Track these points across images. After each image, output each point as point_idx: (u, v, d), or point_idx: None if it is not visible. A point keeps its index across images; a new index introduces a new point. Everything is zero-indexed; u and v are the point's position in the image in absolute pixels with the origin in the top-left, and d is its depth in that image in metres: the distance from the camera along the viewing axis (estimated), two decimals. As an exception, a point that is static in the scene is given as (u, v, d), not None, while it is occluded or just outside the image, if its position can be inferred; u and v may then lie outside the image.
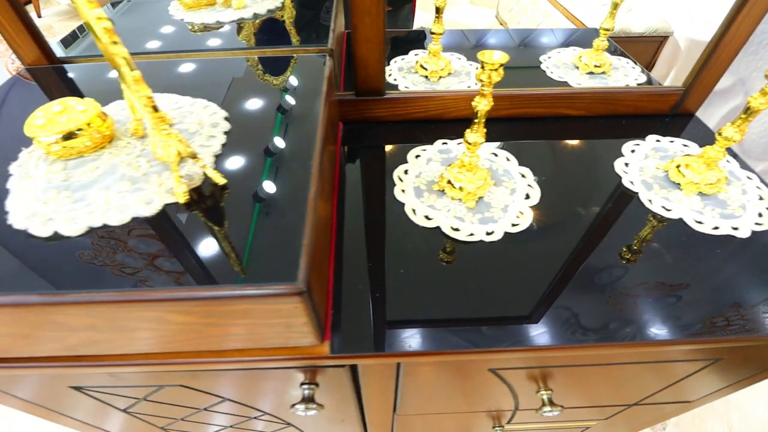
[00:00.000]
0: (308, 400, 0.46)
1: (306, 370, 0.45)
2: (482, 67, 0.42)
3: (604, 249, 0.47)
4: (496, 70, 0.41)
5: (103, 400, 0.52)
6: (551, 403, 0.54)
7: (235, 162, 0.40)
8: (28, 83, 0.53)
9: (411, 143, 0.61)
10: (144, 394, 0.50)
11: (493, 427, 0.72)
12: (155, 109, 0.30)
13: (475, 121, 0.47)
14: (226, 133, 0.43)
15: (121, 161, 0.40)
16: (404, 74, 0.77)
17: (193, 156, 0.35)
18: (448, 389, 0.55)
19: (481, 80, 0.42)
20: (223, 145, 0.42)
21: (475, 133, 0.48)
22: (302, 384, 0.47)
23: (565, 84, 0.72)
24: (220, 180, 0.37)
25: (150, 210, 0.35)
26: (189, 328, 0.33)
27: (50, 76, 0.55)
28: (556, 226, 0.50)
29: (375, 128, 0.65)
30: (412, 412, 0.62)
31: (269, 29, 0.71)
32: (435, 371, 0.48)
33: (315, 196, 0.37)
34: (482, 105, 0.45)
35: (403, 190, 0.54)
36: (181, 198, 0.35)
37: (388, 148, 0.62)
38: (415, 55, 0.82)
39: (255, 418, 0.60)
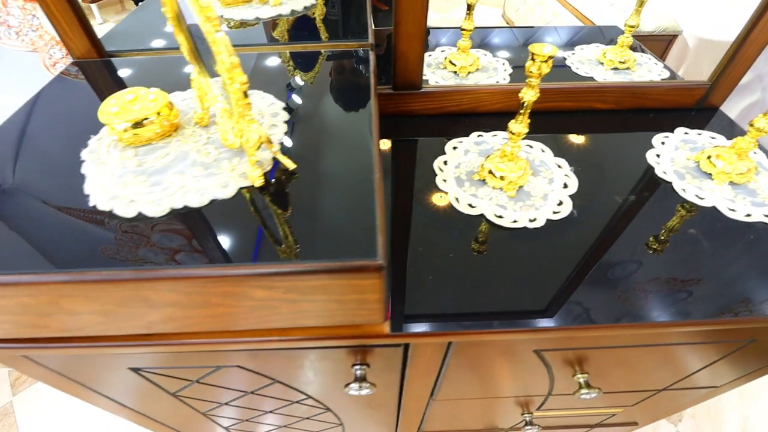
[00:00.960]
0: (361, 379, 0.48)
1: (359, 350, 0.47)
2: (532, 59, 0.44)
3: (645, 234, 0.49)
4: (545, 62, 0.43)
5: (157, 382, 0.53)
6: (588, 385, 0.55)
7: (299, 149, 0.42)
8: (72, 80, 0.55)
9: (446, 136, 0.63)
10: (199, 376, 0.51)
11: (522, 414, 0.74)
12: (246, 95, 0.32)
13: (521, 111, 0.49)
14: (285, 122, 0.45)
15: (190, 148, 0.41)
16: (433, 70, 0.79)
17: (269, 141, 0.37)
18: (489, 372, 0.56)
19: (530, 72, 0.44)
20: (285, 133, 0.43)
21: (520, 124, 0.50)
22: (354, 365, 0.49)
23: (591, 79, 0.74)
24: (291, 165, 0.39)
25: (227, 193, 0.37)
26: (267, 304, 0.35)
27: (100, 70, 0.57)
28: (596, 213, 0.52)
29: (410, 121, 0.67)
30: (448, 397, 0.64)
31: (303, 25, 0.73)
32: (483, 352, 0.50)
33: (380, 180, 0.38)
34: (529, 95, 0.47)
35: (444, 180, 0.56)
36: (257, 181, 0.37)
37: (425, 140, 0.64)
38: (442, 51, 0.84)
39: (297, 402, 0.62)
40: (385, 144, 0.62)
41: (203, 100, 0.42)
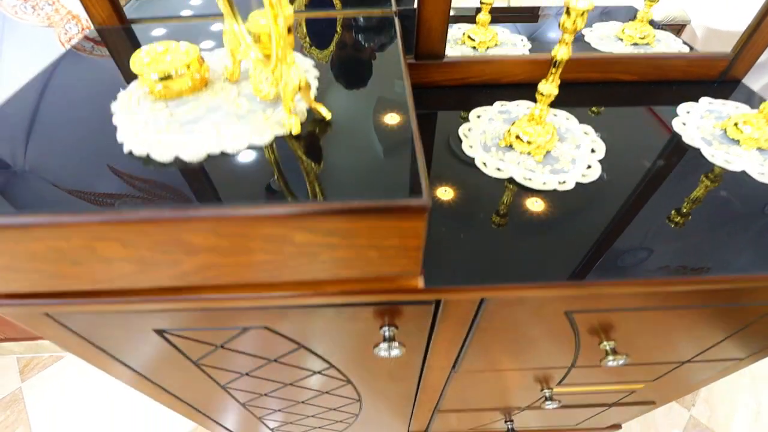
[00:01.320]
0: (390, 339, 0.47)
1: (388, 309, 0.47)
2: (567, 13, 0.43)
3: (677, 198, 0.49)
4: (581, 15, 0.43)
5: (180, 347, 0.53)
6: (614, 352, 0.55)
7: (332, 102, 0.41)
8: (94, 46, 0.54)
9: (468, 107, 0.63)
10: (224, 339, 0.51)
11: (541, 390, 0.73)
12: (290, 30, 0.31)
13: (552, 70, 0.48)
14: (316, 77, 0.44)
15: (222, 101, 0.41)
16: (451, 45, 0.78)
17: (308, 86, 0.36)
18: (516, 338, 0.56)
19: (565, 27, 0.44)
20: (317, 89, 0.43)
21: (551, 84, 0.49)
22: (382, 326, 0.48)
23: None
24: (327, 114, 0.38)
25: (264, 139, 0.36)
26: (306, 251, 0.34)
27: (121, 36, 0.56)
28: (626, 177, 0.51)
29: (431, 92, 0.66)
30: (470, 368, 0.64)
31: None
32: (512, 314, 0.50)
33: (416, 125, 0.38)
34: (562, 52, 0.46)
35: (470, 146, 0.56)
36: (295, 128, 0.36)
37: (447, 111, 0.63)
38: (459, 28, 0.83)
39: (319, 372, 0.61)
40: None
41: (235, 53, 0.41)
